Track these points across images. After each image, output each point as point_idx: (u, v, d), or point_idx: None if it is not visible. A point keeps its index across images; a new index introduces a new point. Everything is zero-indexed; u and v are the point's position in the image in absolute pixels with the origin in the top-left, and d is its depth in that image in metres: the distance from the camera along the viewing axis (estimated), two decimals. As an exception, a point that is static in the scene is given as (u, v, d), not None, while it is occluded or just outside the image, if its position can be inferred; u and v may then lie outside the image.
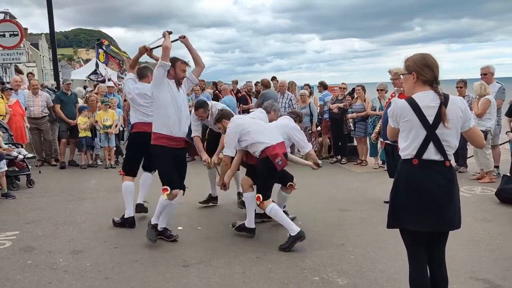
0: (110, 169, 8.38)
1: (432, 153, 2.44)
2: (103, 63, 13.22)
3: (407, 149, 2.50)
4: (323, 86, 10.07)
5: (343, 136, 8.87)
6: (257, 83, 10.52)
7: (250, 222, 4.53)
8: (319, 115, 9.36)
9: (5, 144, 6.73)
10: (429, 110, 2.43)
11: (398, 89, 5.74)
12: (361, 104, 8.38)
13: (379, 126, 6.34)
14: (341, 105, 8.59)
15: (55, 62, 12.60)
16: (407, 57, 2.59)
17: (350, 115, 8.46)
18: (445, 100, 2.44)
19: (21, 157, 6.89)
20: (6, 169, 6.47)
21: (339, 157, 8.93)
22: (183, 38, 4.38)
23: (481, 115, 6.65)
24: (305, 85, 10.25)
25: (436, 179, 2.44)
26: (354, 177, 7.59)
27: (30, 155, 7.33)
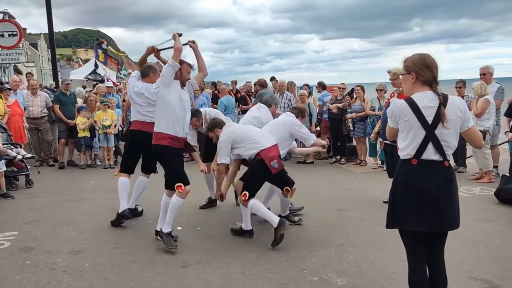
0: (109, 169, 8.36)
1: (431, 153, 2.44)
2: (102, 63, 13.24)
3: (406, 149, 2.51)
4: (322, 86, 10.06)
5: (342, 136, 8.87)
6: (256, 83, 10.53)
7: (246, 224, 4.53)
8: (318, 115, 9.37)
9: (3, 144, 6.72)
10: (428, 110, 2.43)
11: (397, 89, 5.74)
12: (360, 104, 8.39)
13: (378, 126, 6.35)
14: (340, 105, 8.59)
15: (54, 62, 12.61)
16: (406, 57, 2.59)
17: (349, 115, 8.47)
18: (444, 100, 2.44)
19: (20, 157, 6.88)
20: (5, 169, 6.47)
21: (338, 157, 8.93)
22: (193, 43, 4.40)
23: (480, 115, 6.66)
24: (304, 85, 10.24)
25: (435, 179, 2.45)
26: (353, 177, 7.59)
27: (29, 155, 7.31)
